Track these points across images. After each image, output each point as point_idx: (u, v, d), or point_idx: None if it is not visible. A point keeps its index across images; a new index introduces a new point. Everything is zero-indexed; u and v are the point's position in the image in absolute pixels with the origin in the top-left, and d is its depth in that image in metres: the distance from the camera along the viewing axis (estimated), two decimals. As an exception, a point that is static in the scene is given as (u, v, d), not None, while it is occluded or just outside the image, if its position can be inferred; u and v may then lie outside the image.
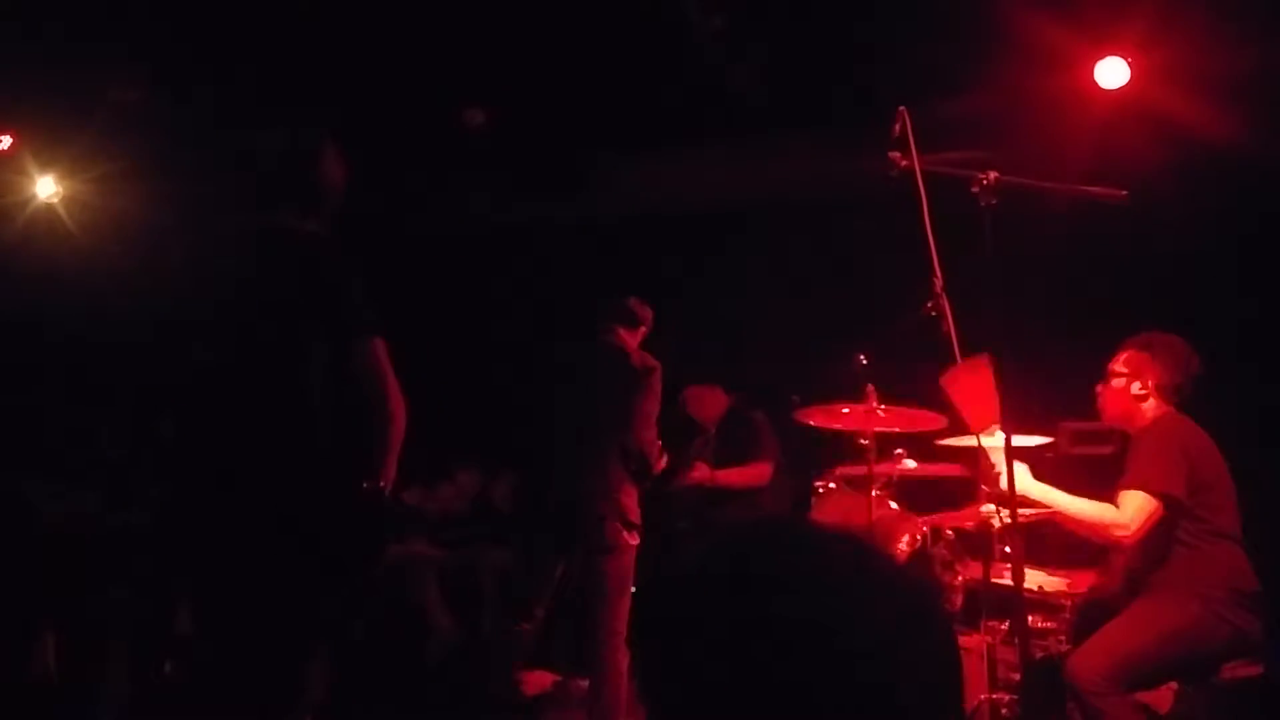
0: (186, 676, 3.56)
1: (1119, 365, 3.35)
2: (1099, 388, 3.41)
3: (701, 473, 4.73)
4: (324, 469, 2.51)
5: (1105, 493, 3.36)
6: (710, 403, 4.93)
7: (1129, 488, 3.10)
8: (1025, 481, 3.12)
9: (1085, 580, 3.60)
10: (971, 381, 3.01)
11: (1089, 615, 3.34)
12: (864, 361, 3.85)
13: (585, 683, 5.07)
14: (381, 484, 2.53)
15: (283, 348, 2.52)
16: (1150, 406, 3.29)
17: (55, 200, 4.85)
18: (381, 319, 2.58)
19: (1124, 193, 2.80)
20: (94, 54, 4.32)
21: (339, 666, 2.82)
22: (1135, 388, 3.29)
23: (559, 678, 5.13)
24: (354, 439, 2.53)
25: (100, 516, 4.37)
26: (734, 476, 4.71)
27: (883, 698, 0.90)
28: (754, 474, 4.71)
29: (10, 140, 4.62)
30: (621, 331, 3.95)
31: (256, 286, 2.57)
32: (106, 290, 4.42)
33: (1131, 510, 3.06)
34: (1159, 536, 3.10)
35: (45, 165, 4.79)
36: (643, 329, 4.03)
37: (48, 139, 4.69)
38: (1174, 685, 3.30)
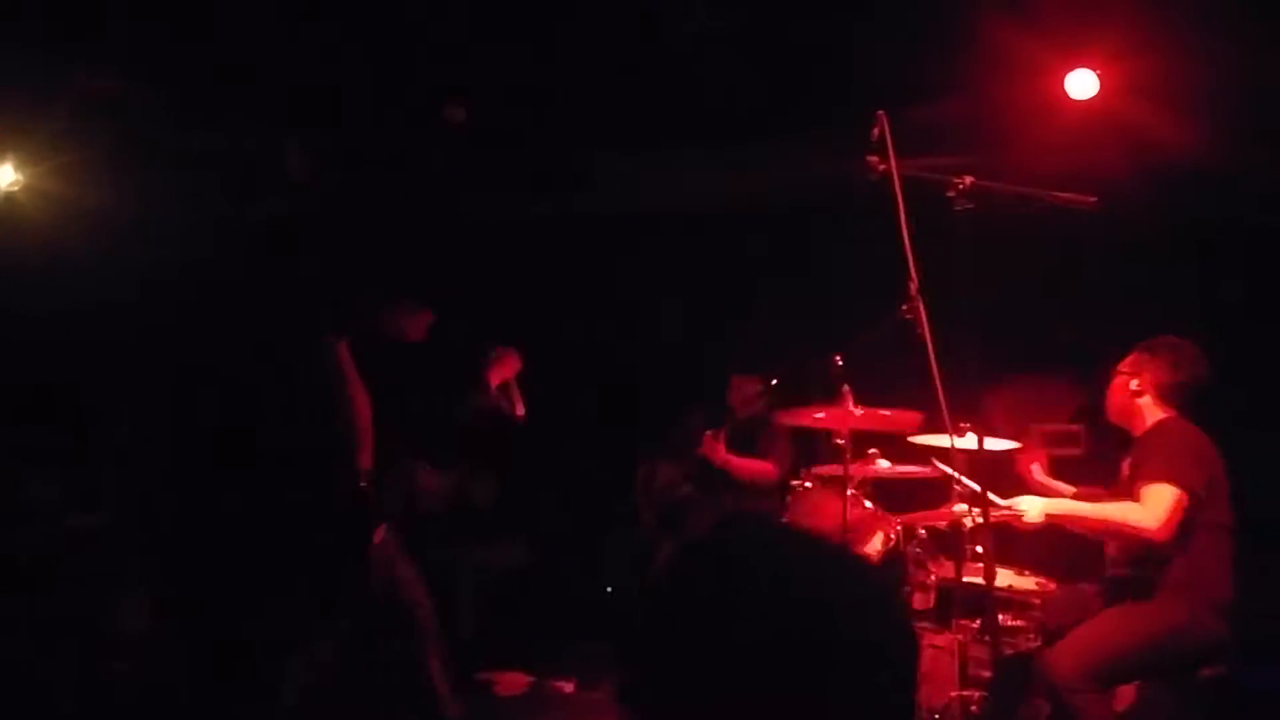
0: (143, 674, 3.51)
1: (1123, 365, 3.44)
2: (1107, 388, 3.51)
3: (717, 452, 4.80)
4: (300, 466, 2.52)
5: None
6: (744, 393, 5.01)
7: (1153, 481, 3.08)
8: (1046, 507, 3.18)
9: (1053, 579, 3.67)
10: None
11: (1058, 613, 3.40)
12: (840, 363, 3.91)
13: (563, 684, 5.11)
14: (362, 482, 2.54)
15: (255, 344, 2.54)
16: (1147, 404, 3.34)
17: (15, 189, 4.76)
18: (348, 317, 2.59)
19: (1093, 199, 2.88)
20: (57, 42, 4.26)
21: (315, 668, 2.82)
22: (1133, 384, 3.37)
23: (533, 678, 5.14)
24: (326, 436, 2.54)
25: (59, 516, 4.32)
26: (741, 465, 4.79)
27: (845, 676, 0.94)
28: (759, 470, 4.79)
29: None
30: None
31: (227, 282, 2.58)
32: (69, 282, 4.34)
33: (1160, 506, 3.04)
34: (1178, 536, 3.10)
35: (3, 153, 4.70)
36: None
37: (7, 126, 4.60)
38: (1136, 683, 3.37)
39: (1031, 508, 3.21)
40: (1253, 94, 4.24)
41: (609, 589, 6.21)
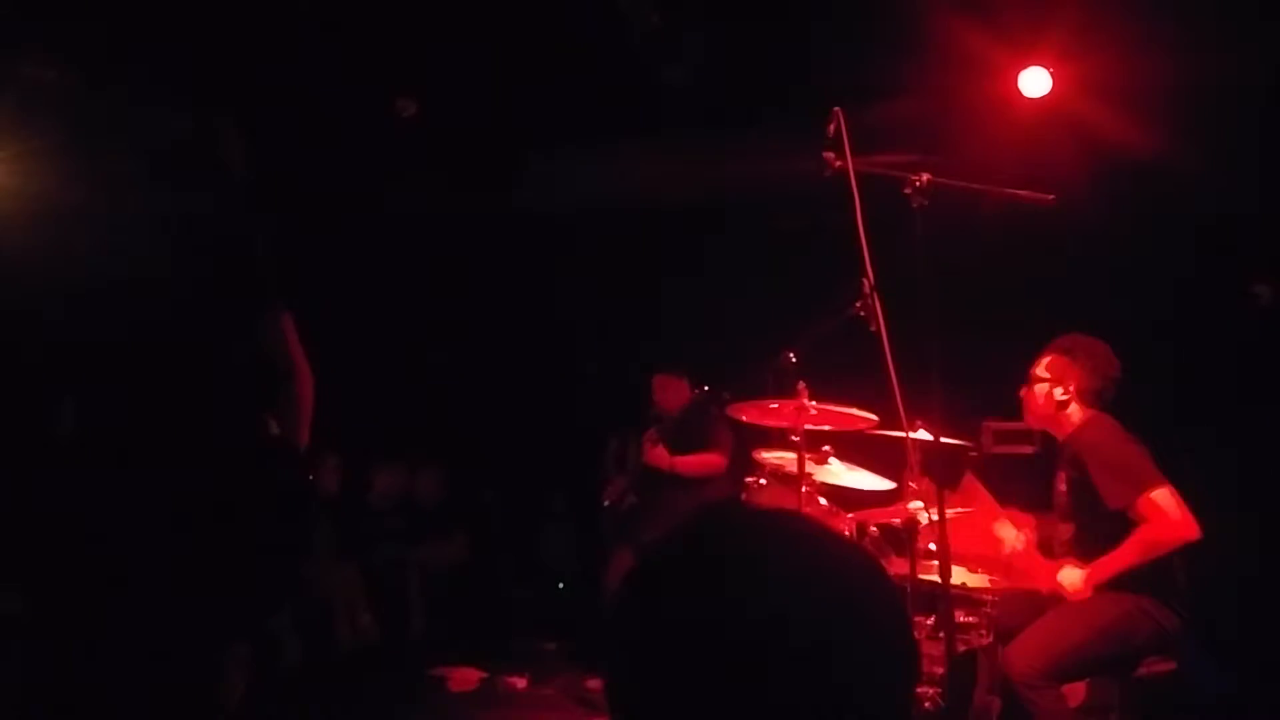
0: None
1: (1041, 370, 3.40)
2: (1022, 391, 3.46)
3: (660, 457, 4.82)
4: (244, 451, 2.41)
5: (1028, 489, 3.43)
6: (674, 391, 5.03)
7: (1147, 491, 3.06)
8: (1081, 575, 3.14)
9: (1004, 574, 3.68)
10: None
11: (1011, 610, 3.41)
12: (793, 359, 3.88)
13: (516, 680, 5.07)
14: (308, 471, 2.46)
15: (195, 326, 2.41)
16: (1074, 411, 3.34)
17: None
18: (289, 294, 2.48)
19: (1051, 196, 2.87)
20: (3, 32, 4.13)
21: (255, 666, 2.73)
22: (1058, 393, 3.34)
23: (485, 675, 5.09)
24: (269, 418, 2.43)
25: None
26: (689, 464, 4.83)
27: (836, 674, 0.91)
28: (708, 463, 4.83)
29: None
30: None
31: (166, 265, 2.44)
32: (16, 271, 4.19)
33: (1169, 510, 3.04)
34: (1114, 534, 3.13)
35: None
36: None
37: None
38: (1087, 680, 3.40)
39: (1074, 582, 3.15)
40: (1204, 90, 4.29)
41: (560, 585, 6.18)
